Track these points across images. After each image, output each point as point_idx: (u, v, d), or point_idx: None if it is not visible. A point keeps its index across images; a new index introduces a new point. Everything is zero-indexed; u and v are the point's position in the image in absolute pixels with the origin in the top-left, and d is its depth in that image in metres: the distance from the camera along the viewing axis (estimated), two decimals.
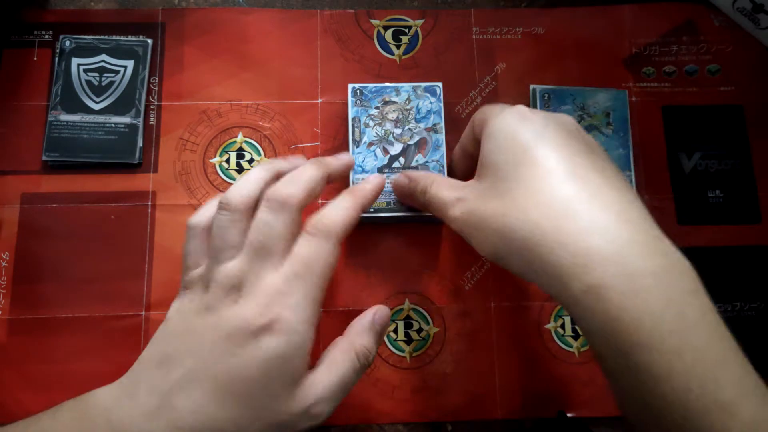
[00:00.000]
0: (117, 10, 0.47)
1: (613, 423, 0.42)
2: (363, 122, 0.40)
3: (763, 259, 0.45)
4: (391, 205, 0.40)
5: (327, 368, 0.32)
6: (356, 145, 0.40)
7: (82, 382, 0.40)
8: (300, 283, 0.31)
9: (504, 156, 0.30)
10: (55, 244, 0.43)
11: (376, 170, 0.40)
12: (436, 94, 0.41)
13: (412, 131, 0.40)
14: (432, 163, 0.40)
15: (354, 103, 0.41)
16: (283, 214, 0.31)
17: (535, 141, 0.30)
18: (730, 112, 0.47)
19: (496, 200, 0.30)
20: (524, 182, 0.29)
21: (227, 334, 0.30)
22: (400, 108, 0.41)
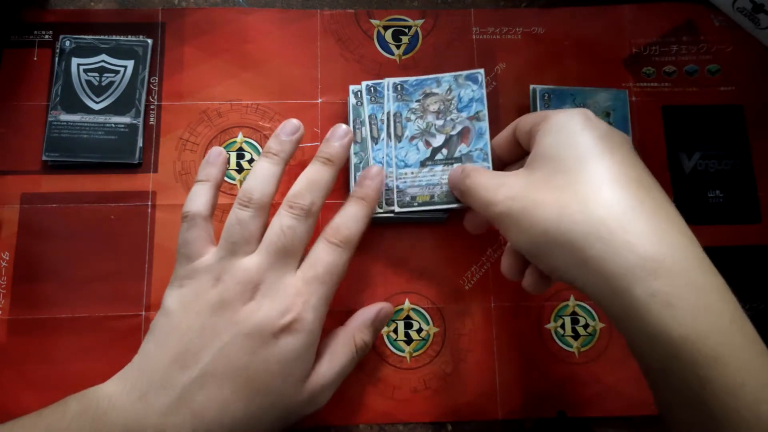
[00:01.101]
0: (117, 10, 0.47)
1: (613, 423, 0.42)
2: (405, 116, 0.40)
3: (763, 259, 0.45)
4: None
5: (329, 360, 0.34)
6: (398, 140, 0.40)
7: (82, 382, 0.40)
8: (320, 287, 0.33)
9: (567, 151, 0.30)
10: (55, 244, 0.43)
11: (419, 164, 0.39)
12: (478, 81, 0.40)
13: (455, 121, 0.39)
14: (476, 152, 0.39)
15: (395, 98, 0.40)
16: (307, 221, 0.34)
17: (602, 143, 0.30)
18: (730, 112, 0.47)
19: (552, 192, 0.29)
20: (588, 178, 0.29)
21: (247, 332, 0.31)
22: (441, 99, 0.40)
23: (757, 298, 0.44)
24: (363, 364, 0.42)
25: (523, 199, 0.30)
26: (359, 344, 0.36)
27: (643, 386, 0.42)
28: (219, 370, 0.31)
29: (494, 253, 0.44)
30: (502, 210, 0.31)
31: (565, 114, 0.31)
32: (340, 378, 0.35)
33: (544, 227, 0.28)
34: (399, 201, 0.39)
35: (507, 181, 0.32)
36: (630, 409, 0.42)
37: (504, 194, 0.31)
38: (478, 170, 0.35)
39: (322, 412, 0.41)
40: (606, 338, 0.43)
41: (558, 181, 0.29)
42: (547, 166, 0.30)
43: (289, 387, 0.32)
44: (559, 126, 0.31)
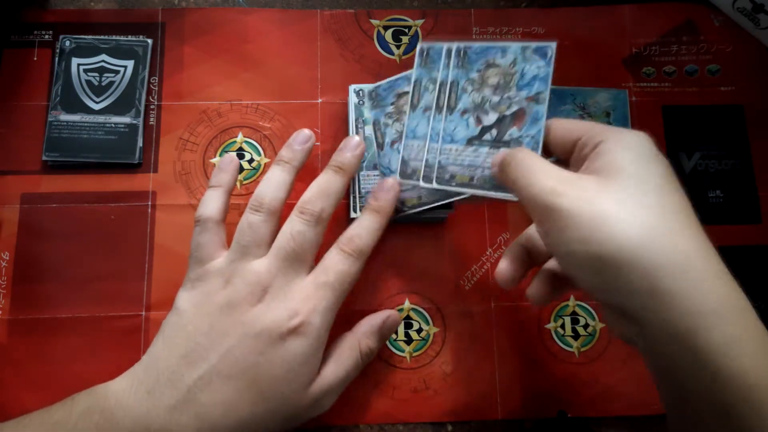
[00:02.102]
0: (117, 10, 0.47)
1: (613, 423, 0.42)
2: (461, 86, 0.36)
3: (763, 259, 0.45)
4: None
5: (334, 365, 0.34)
6: (449, 112, 0.36)
7: (82, 382, 0.40)
8: (330, 293, 0.33)
9: (649, 173, 0.28)
10: (55, 244, 0.43)
11: (465, 141, 0.36)
12: (547, 57, 0.35)
13: (512, 100, 0.35)
14: (527, 138, 0.34)
15: (456, 65, 0.36)
16: (317, 227, 0.35)
17: (672, 174, 0.29)
18: (730, 112, 0.47)
19: (638, 210, 0.27)
20: (675, 208, 0.27)
21: (255, 333, 0.31)
22: (502, 72, 0.35)
23: (757, 298, 0.44)
24: None
25: (599, 204, 0.27)
26: (364, 350, 0.36)
27: (643, 386, 0.42)
28: (225, 370, 0.31)
29: (494, 253, 0.44)
30: (567, 205, 0.27)
31: (635, 134, 0.30)
32: (344, 383, 0.35)
33: (619, 244, 0.26)
34: (438, 177, 0.36)
35: (576, 178, 0.29)
36: (630, 409, 0.42)
37: (575, 192, 0.28)
38: (530, 151, 0.32)
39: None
40: (606, 338, 0.43)
41: (644, 201, 0.27)
42: (628, 182, 0.27)
43: (295, 390, 0.32)
44: (637, 144, 0.29)
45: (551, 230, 0.28)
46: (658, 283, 0.25)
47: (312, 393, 0.33)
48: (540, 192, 0.28)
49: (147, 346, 0.41)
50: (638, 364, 0.42)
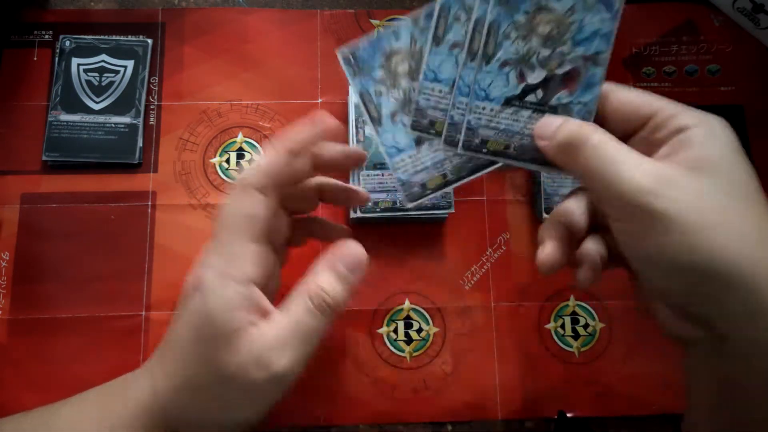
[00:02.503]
0: (117, 10, 0.47)
1: (613, 423, 0.42)
2: (503, 31, 0.29)
3: None
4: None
5: (279, 315, 0.29)
6: (486, 61, 0.29)
7: (82, 382, 0.40)
8: (213, 244, 0.29)
9: (742, 172, 0.26)
10: (55, 244, 0.43)
11: (503, 100, 0.29)
12: (614, 9, 0.28)
13: (565, 56, 0.29)
14: (577, 105, 0.29)
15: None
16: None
17: (752, 169, 0.27)
18: (730, 112, 0.47)
19: (737, 219, 0.25)
20: (763, 212, 0.25)
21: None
22: (556, 20, 0.29)
23: None
24: (363, 364, 0.42)
25: (706, 211, 0.24)
26: (313, 290, 0.29)
27: (643, 386, 0.42)
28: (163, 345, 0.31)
29: (494, 253, 0.44)
30: (668, 209, 0.24)
31: (720, 121, 0.27)
32: (294, 335, 0.28)
33: (727, 258, 0.24)
34: (465, 142, 0.30)
35: (673, 175, 0.25)
36: (630, 409, 0.42)
37: (676, 193, 0.25)
38: (607, 133, 0.27)
39: (322, 411, 0.41)
40: (606, 338, 0.43)
41: (741, 205, 0.25)
42: (729, 185, 0.25)
43: (210, 348, 0.28)
44: (727, 136, 0.26)
45: (642, 233, 0.26)
46: (762, 304, 0.24)
47: (248, 348, 0.28)
48: (632, 191, 0.25)
49: (147, 346, 0.41)
50: (638, 364, 0.42)
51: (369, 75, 0.31)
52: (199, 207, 0.44)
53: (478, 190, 0.45)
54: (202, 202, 0.44)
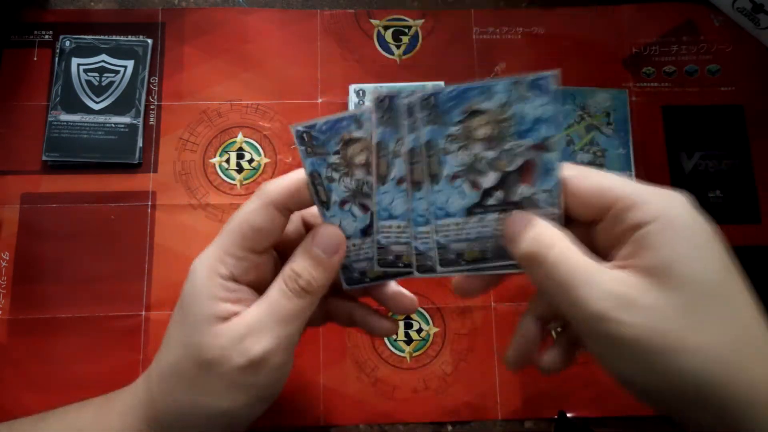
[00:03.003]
0: (117, 10, 0.47)
1: (613, 423, 0.42)
2: (441, 147, 0.27)
3: (763, 259, 0.44)
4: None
5: (258, 301, 0.29)
6: (435, 182, 0.28)
7: (82, 382, 0.41)
8: (217, 239, 0.30)
9: (705, 270, 0.24)
10: (55, 244, 0.43)
11: (465, 211, 0.28)
12: (548, 91, 0.26)
13: (513, 152, 0.27)
14: (542, 194, 0.27)
15: (427, 120, 0.27)
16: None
17: (729, 261, 0.25)
18: (730, 112, 0.47)
19: (703, 332, 0.23)
20: (740, 315, 0.24)
21: None
22: (492, 119, 0.27)
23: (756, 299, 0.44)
24: (363, 364, 0.42)
25: (667, 335, 0.23)
26: (286, 273, 0.29)
27: None
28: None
29: None
30: (628, 336, 0.23)
31: (684, 209, 0.25)
32: (271, 318, 0.28)
33: (697, 379, 0.23)
34: (441, 259, 0.29)
35: (630, 293, 0.24)
36: (630, 409, 0.42)
37: (636, 317, 0.23)
38: (569, 244, 0.26)
39: (322, 411, 0.41)
40: None
41: (708, 317, 0.24)
42: (687, 290, 0.24)
43: (193, 330, 0.29)
44: (691, 229, 0.25)
45: (608, 357, 0.25)
46: (737, 423, 0.23)
47: (228, 332, 0.28)
48: (591, 317, 0.24)
49: (147, 346, 0.41)
50: None
51: (323, 158, 0.28)
52: (199, 207, 0.44)
53: None
54: (202, 202, 0.44)
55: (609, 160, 0.44)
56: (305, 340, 0.42)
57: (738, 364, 0.23)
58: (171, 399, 0.29)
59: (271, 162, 0.45)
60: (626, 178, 0.26)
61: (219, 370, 0.28)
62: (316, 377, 0.41)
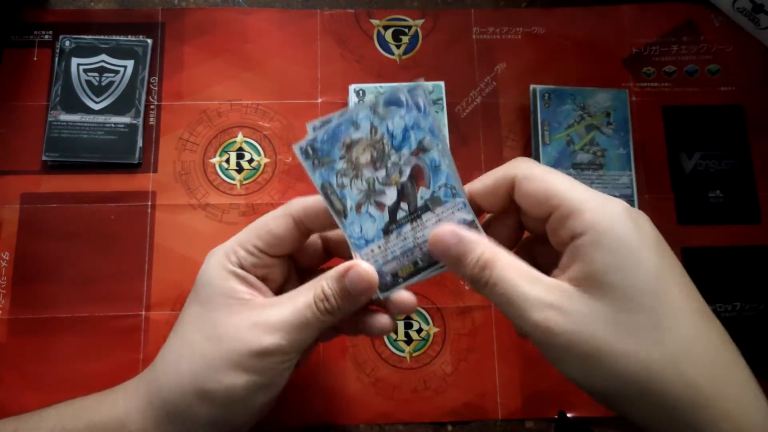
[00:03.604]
0: (117, 10, 0.47)
1: (613, 423, 0.42)
2: (336, 185, 0.30)
3: (763, 259, 0.44)
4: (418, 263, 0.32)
5: (284, 299, 0.31)
6: (344, 217, 0.30)
7: (82, 382, 0.41)
8: (239, 233, 0.32)
9: (631, 280, 0.25)
10: (55, 244, 0.43)
11: (381, 233, 0.30)
12: (402, 103, 0.29)
13: (399, 164, 0.30)
14: (441, 190, 0.30)
15: (313, 166, 0.30)
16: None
17: (663, 266, 0.26)
18: (730, 112, 0.47)
19: (632, 337, 0.25)
20: (669, 324, 0.25)
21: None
22: (368, 144, 0.29)
23: (757, 298, 0.44)
24: (363, 364, 0.42)
25: (595, 340, 0.25)
26: (317, 292, 0.30)
27: None
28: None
29: None
30: (560, 343, 0.26)
31: (610, 216, 0.26)
32: (293, 323, 0.30)
33: (626, 380, 0.25)
34: (381, 286, 0.30)
35: (559, 300, 0.26)
36: None
37: (562, 324, 0.26)
38: (507, 264, 0.28)
39: (322, 411, 0.41)
40: None
41: (632, 323, 0.25)
42: (613, 298, 0.25)
43: (211, 310, 0.31)
44: (612, 238, 0.26)
45: (557, 363, 0.27)
46: (676, 414, 0.25)
47: (249, 324, 0.30)
48: (531, 327, 0.26)
49: (147, 346, 0.41)
50: None
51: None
52: (198, 207, 0.44)
53: None
54: (202, 202, 0.44)
55: (609, 160, 0.44)
56: None
57: (670, 366, 0.25)
58: (174, 373, 0.30)
59: (271, 162, 0.45)
60: (572, 180, 0.28)
61: (227, 347, 0.30)
62: (316, 377, 0.41)
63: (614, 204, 0.27)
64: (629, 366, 0.25)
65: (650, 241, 0.26)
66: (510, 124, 0.47)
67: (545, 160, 0.44)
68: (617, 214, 0.26)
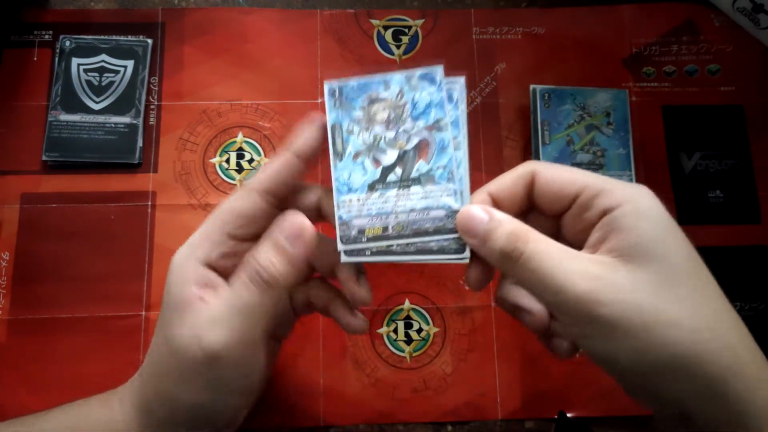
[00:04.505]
0: (117, 10, 0.47)
1: (613, 423, 0.42)
2: (345, 129, 0.31)
3: (763, 259, 0.44)
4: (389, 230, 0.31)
5: (222, 290, 0.29)
6: (339, 158, 0.31)
7: (82, 383, 0.41)
8: (199, 229, 0.30)
9: (674, 249, 0.26)
10: (55, 244, 0.43)
11: (366, 187, 0.30)
12: (436, 82, 0.31)
13: (409, 132, 0.31)
14: (438, 170, 0.30)
15: (333, 106, 0.31)
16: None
17: (688, 241, 0.26)
18: (730, 112, 0.47)
19: (678, 306, 0.25)
20: (703, 291, 0.26)
21: None
22: (390, 105, 0.31)
23: (757, 298, 0.44)
24: (363, 364, 0.42)
25: (642, 310, 0.25)
26: (250, 265, 0.29)
27: None
28: None
29: None
30: (608, 315, 0.25)
31: (646, 195, 0.27)
32: (232, 311, 0.28)
33: (673, 351, 0.24)
34: (342, 236, 0.30)
35: (604, 274, 0.25)
36: (630, 409, 0.42)
37: (615, 295, 0.25)
38: (541, 240, 0.27)
39: (322, 411, 0.41)
40: None
41: (678, 292, 0.25)
42: (655, 267, 0.25)
43: (169, 318, 0.29)
44: (655, 213, 0.26)
45: (590, 337, 0.26)
46: (720, 389, 0.25)
47: (192, 322, 0.28)
48: (574, 300, 0.25)
49: (147, 346, 0.41)
50: None
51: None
52: (199, 207, 0.44)
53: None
54: (202, 202, 0.44)
55: (609, 160, 0.44)
56: (305, 340, 0.42)
57: (712, 334, 0.25)
58: (153, 388, 0.30)
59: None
60: (591, 172, 0.28)
61: (183, 359, 0.28)
62: (316, 377, 0.41)
63: (638, 185, 0.27)
64: (681, 336, 0.24)
65: (673, 219, 0.27)
66: (510, 124, 0.47)
67: (545, 160, 0.44)
68: (645, 192, 0.27)
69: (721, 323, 0.25)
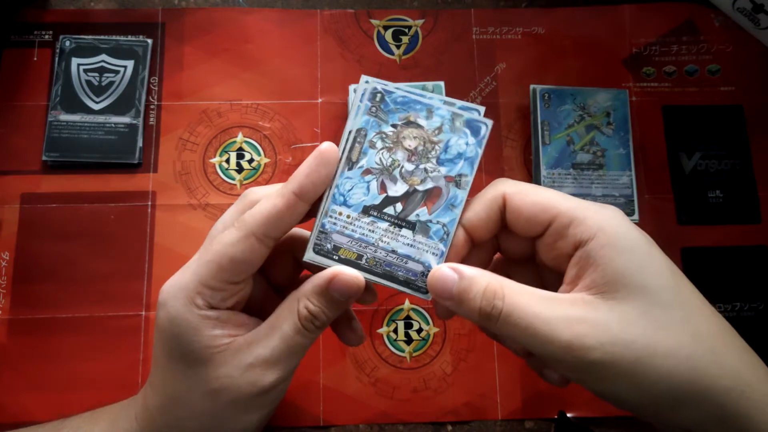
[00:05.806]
0: (117, 10, 0.47)
1: (613, 423, 0.42)
2: (369, 139, 0.29)
3: (763, 259, 0.44)
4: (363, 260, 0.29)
5: (267, 330, 0.29)
6: (348, 167, 0.29)
7: (82, 382, 0.41)
8: (195, 264, 0.29)
9: (654, 277, 0.25)
10: (55, 244, 0.43)
11: (362, 208, 0.29)
12: (479, 134, 0.29)
13: (428, 173, 0.29)
14: (436, 224, 0.28)
15: (367, 110, 0.29)
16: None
17: (669, 262, 0.26)
18: (730, 112, 0.47)
19: (666, 335, 0.24)
20: (698, 317, 0.25)
21: None
22: (423, 137, 0.29)
23: (757, 298, 0.44)
24: (363, 364, 0.42)
25: (636, 346, 0.24)
26: (302, 314, 0.29)
27: None
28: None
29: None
30: (599, 359, 0.24)
31: (612, 220, 0.26)
32: (283, 352, 0.29)
33: (671, 382, 0.24)
34: (317, 245, 0.28)
35: (587, 315, 0.25)
36: None
37: (597, 337, 0.24)
38: (514, 288, 0.26)
39: (322, 411, 0.41)
40: None
41: (667, 320, 0.24)
42: (638, 298, 0.24)
43: (183, 361, 0.28)
44: (631, 240, 0.26)
45: (588, 381, 0.26)
46: (725, 411, 0.24)
47: (234, 360, 0.28)
48: (562, 350, 0.24)
49: (147, 346, 0.41)
50: None
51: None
52: (198, 207, 0.44)
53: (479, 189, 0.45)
54: (202, 202, 0.44)
55: (609, 160, 0.44)
56: None
57: (713, 357, 0.24)
58: (179, 424, 0.30)
59: (271, 162, 0.45)
60: (563, 194, 0.27)
61: (228, 398, 0.28)
62: (316, 377, 0.41)
63: (610, 209, 0.27)
64: (678, 366, 0.24)
65: (650, 240, 0.26)
66: (510, 124, 0.47)
67: (545, 160, 0.44)
68: (617, 218, 0.26)
69: (719, 344, 0.25)
